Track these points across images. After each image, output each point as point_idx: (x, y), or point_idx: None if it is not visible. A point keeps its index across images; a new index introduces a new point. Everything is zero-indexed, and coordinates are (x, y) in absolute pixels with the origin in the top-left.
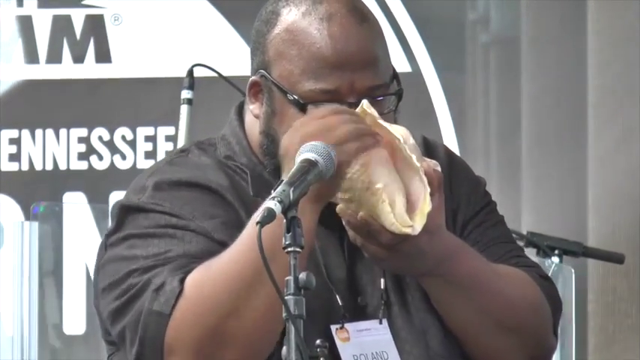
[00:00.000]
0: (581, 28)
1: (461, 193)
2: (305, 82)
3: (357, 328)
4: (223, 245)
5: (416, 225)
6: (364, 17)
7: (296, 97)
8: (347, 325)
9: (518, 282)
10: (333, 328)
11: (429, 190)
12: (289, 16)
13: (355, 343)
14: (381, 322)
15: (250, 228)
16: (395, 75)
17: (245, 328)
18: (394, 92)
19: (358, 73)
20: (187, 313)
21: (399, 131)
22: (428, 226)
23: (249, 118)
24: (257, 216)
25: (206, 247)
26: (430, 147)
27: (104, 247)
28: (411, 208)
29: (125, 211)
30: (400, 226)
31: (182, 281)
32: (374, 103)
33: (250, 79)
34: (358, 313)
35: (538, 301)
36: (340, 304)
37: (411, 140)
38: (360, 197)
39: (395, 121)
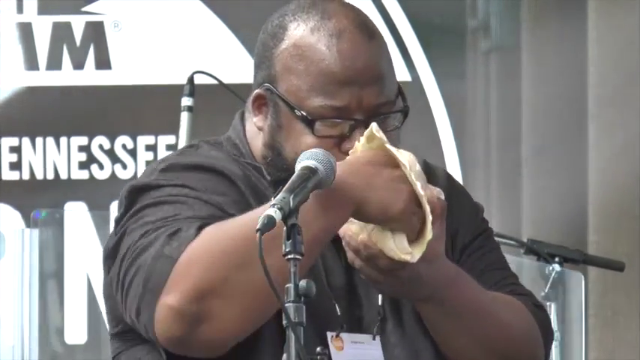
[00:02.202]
0: (581, 38)
1: (460, 219)
2: (314, 98)
3: (352, 339)
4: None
5: (415, 253)
6: (372, 34)
7: (304, 114)
8: (342, 335)
9: (513, 311)
10: (330, 335)
11: (430, 218)
12: (297, 31)
13: (348, 354)
14: (374, 339)
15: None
16: (400, 91)
17: (249, 283)
18: (400, 110)
19: (366, 89)
20: (195, 257)
21: (405, 157)
22: (427, 255)
23: (250, 128)
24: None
25: (217, 215)
26: (431, 171)
27: (115, 230)
28: (412, 236)
29: (135, 191)
30: (399, 253)
31: (199, 229)
32: (380, 120)
33: (254, 91)
34: (354, 324)
35: (531, 330)
36: (339, 313)
37: (417, 167)
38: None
39: (399, 139)
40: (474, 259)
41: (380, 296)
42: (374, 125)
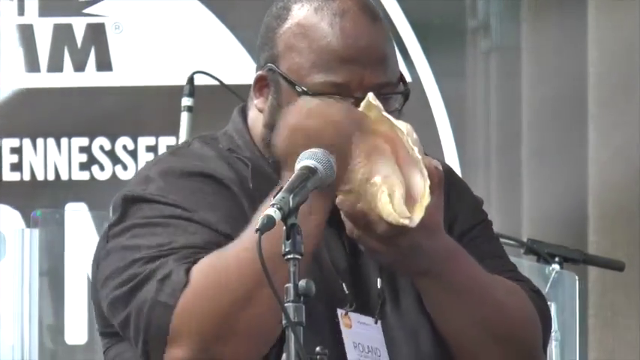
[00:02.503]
0: (581, 38)
1: (458, 208)
2: (315, 74)
3: (359, 320)
4: (227, 237)
5: (414, 217)
6: (375, 17)
7: (305, 89)
8: (350, 314)
9: (511, 292)
10: (340, 312)
11: (429, 182)
12: (301, 11)
13: (356, 332)
14: (376, 322)
15: (254, 225)
16: (402, 78)
17: (251, 320)
18: (401, 91)
19: (368, 69)
20: (192, 304)
21: (402, 125)
22: (426, 222)
23: (252, 114)
24: (257, 222)
25: (210, 238)
26: None
27: (106, 238)
28: (410, 202)
29: (129, 201)
30: (398, 217)
31: (188, 272)
32: (381, 100)
33: (257, 73)
34: (359, 305)
35: (530, 313)
36: (347, 292)
37: (415, 135)
38: (359, 188)
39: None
40: (472, 246)
41: (379, 279)
42: (370, 95)
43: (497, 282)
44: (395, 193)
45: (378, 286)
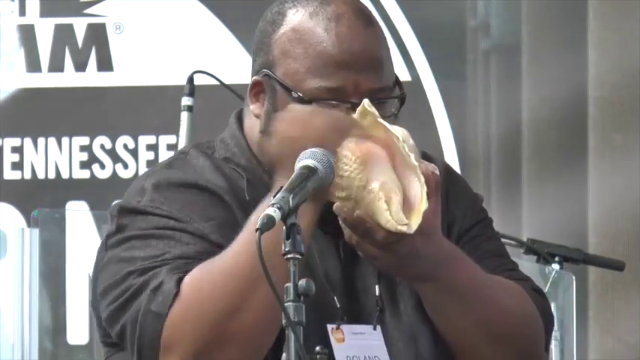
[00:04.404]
0: (581, 38)
1: (457, 207)
2: (310, 80)
3: (352, 330)
4: (220, 247)
5: (412, 223)
6: (370, 21)
7: (300, 95)
8: (343, 326)
9: (512, 293)
10: (330, 327)
11: (425, 188)
12: (296, 17)
13: (349, 345)
14: (375, 329)
15: (248, 230)
16: (397, 82)
17: (243, 327)
18: (397, 96)
19: (363, 73)
20: (184, 313)
21: (398, 131)
22: (423, 228)
23: (248, 120)
24: (256, 222)
25: (203, 248)
26: (429, 160)
27: (104, 248)
28: (408, 208)
29: (124, 213)
30: (396, 224)
31: (179, 281)
32: (377, 105)
33: (252, 78)
34: (353, 316)
35: (531, 313)
36: (338, 305)
37: (411, 141)
38: (356, 195)
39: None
40: (472, 246)
41: (377, 287)
42: (366, 101)
43: (498, 283)
44: (392, 200)
45: (377, 294)
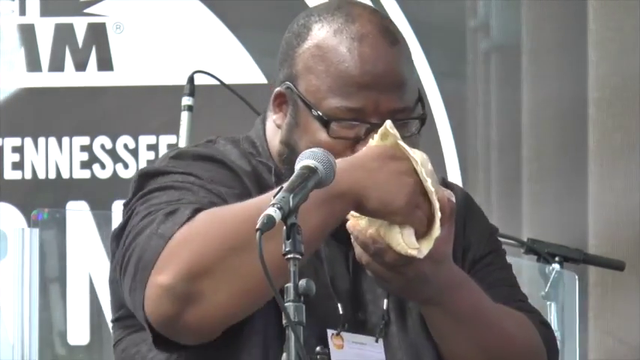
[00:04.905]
0: (581, 38)
1: (473, 234)
2: (331, 99)
3: (353, 339)
4: None
5: (422, 248)
6: (395, 40)
7: (320, 114)
8: (343, 334)
9: (517, 322)
10: (330, 332)
11: (439, 215)
12: (320, 32)
13: (347, 353)
14: (377, 341)
15: (269, 193)
16: (420, 98)
17: (240, 266)
18: (418, 117)
19: (384, 94)
20: (188, 236)
21: (417, 155)
22: (434, 253)
23: (269, 126)
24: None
25: (219, 203)
26: (449, 188)
27: (124, 212)
28: (420, 233)
29: (145, 176)
30: (406, 247)
31: (195, 211)
32: (398, 125)
33: (275, 89)
34: (356, 326)
35: (535, 343)
36: (341, 312)
37: (429, 166)
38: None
39: (417, 145)
40: (485, 273)
41: (385, 301)
42: (388, 122)
43: (504, 311)
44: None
45: (384, 307)
